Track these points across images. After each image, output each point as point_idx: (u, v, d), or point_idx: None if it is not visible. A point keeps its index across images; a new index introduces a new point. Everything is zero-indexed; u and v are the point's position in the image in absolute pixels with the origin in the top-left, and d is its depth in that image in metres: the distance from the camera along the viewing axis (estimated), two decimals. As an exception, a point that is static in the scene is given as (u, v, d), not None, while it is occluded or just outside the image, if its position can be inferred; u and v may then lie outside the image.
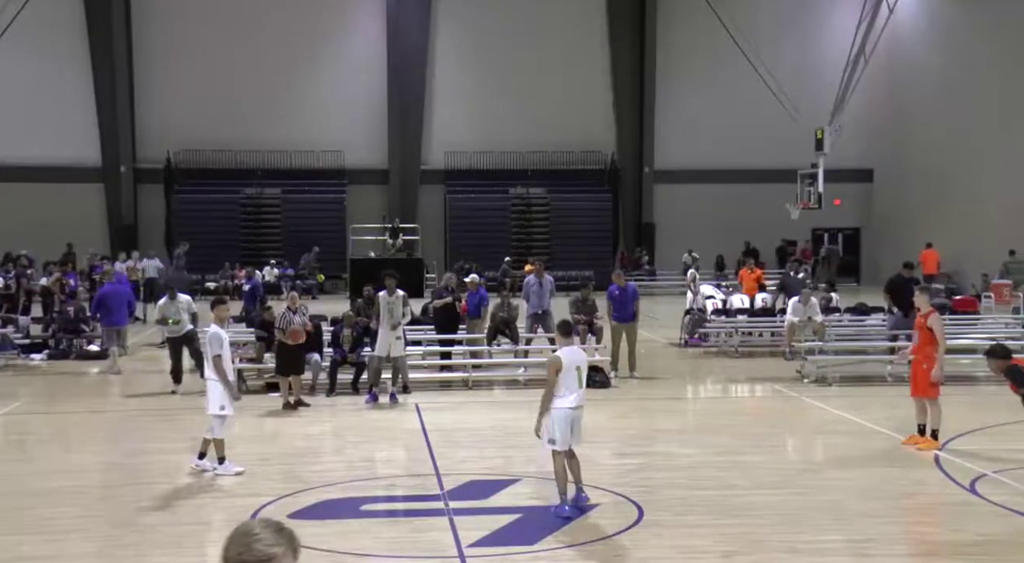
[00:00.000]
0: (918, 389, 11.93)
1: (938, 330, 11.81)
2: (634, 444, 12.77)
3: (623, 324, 17.76)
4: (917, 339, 12.09)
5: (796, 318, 19.40)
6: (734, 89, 37.44)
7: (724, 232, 37.69)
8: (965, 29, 34.48)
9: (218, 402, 10.89)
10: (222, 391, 10.91)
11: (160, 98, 38.42)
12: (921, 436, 11.81)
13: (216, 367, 10.95)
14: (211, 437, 10.91)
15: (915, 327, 12.24)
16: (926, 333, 11.87)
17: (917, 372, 11.99)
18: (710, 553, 8.32)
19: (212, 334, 11.10)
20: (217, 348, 10.95)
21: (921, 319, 12.05)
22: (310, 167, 39.17)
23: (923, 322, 11.98)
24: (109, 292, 19.61)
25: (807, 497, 10.00)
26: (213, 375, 10.98)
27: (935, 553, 8.75)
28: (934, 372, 11.68)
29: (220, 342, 11.00)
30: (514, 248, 38.20)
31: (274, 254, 37.23)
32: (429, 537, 8.84)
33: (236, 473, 10.82)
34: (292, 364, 15.42)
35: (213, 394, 10.95)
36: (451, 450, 12.21)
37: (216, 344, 10.98)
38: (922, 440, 11.72)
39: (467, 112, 39.45)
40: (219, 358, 10.93)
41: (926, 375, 11.76)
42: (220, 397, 10.90)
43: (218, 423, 10.87)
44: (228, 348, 11.23)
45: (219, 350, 10.94)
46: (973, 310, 23.34)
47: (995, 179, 31.99)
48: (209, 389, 11.04)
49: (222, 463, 10.93)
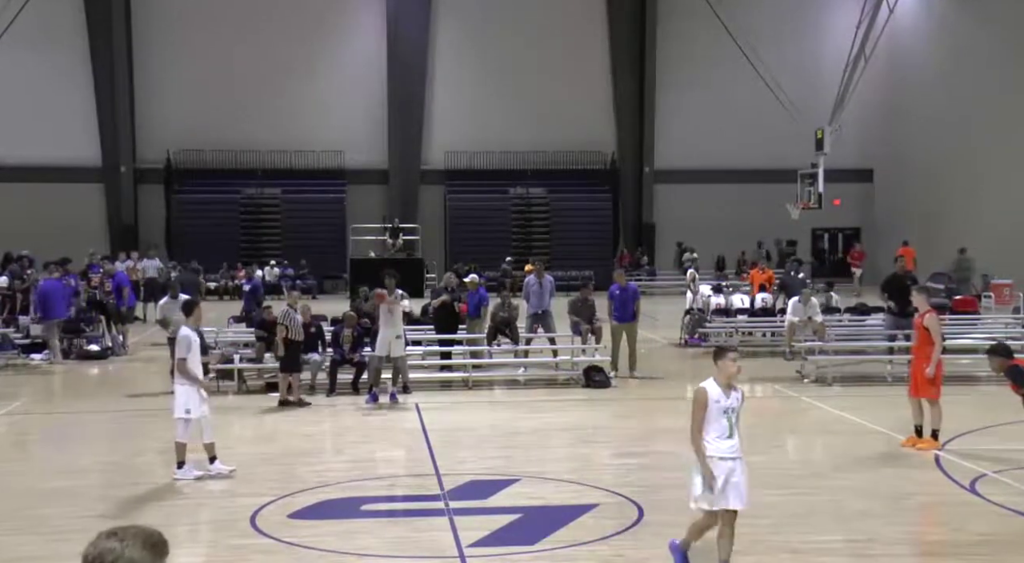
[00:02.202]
0: (918, 390, 11.88)
1: (934, 330, 11.79)
2: (634, 444, 12.76)
3: (623, 324, 17.77)
4: (916, 339, 12.09)
5: (796, 318, 19.38)
6: (734, 89, 37.45)
7: (724, 232, 37.68)
8: (965, 29, 34.48)
9: (183, 406, 10.79)
10: (188, 394, 10.79)
11: (160, 98, 38.43)
12: (919, 437, 11.79)
13: (180, 370, 10.82)
14: (177, 440, 10.84)
15: (914, 327, 12.22)
16: (924, 333, 11.85)
17: (917, 372, 11.95)
18: (711, 553, 8.31)
19: (182, 336, 10.96)
20: (184, 351, 10.80)
21: (918, 319, 12.05)
22: (310, 167, 39.19)
23: (920, 321, 11.98)
24: (49, 287, 19.88)
25: (807, 497, 10.00)
26: (180, 378, 10.85)
27: (935, 553, 8.75)
28: (928, 370, 11.65)
29: (189, 345, 10.85)
30: (514, 248, 38.21)
31: (274, 254, 37.24)
32: (429, 537, 8.84)
33: (230, 472, 10.80)
34: (294, 362, 15.42)
35: (179, 397, 10.84)
36: (451, 450, 12.20)
37: (184, 347, 10.84)
38: (921, 441, 11.71)
39: (467, 112, 39.45)
40: (184, 361, 10.79)
41: (923, 374, 11.73)
42: (186, 401, 10.79)
43: (182, 426, 10.80)
44: (197, 351, 11.05)
45: (186, 353, 10.79)
46: (973, 310, 23.32)
47: (995, 179, 31.99)
48: (176, 393, 10.92)
49: (213, 463, 10.90)
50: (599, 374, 16.88)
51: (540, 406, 15.09)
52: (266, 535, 8.83)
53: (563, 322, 19.09)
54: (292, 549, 8.49)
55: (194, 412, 10.77)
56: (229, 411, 15.40)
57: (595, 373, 16.92)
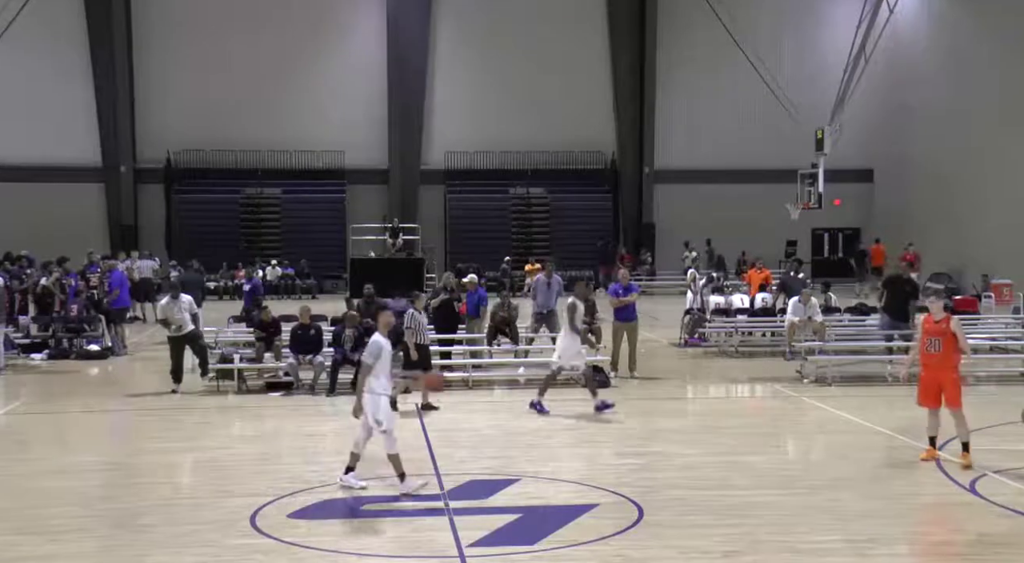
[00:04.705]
0: (951, 400, 11.05)
1: (962, 334, 11.14)
2: (634, 444, 12.76)
3: (624, 324, 17.76)
4: (939, 347, 11.15)
5: (796, 318, 19.38)
6: (734, 89, 37.46)
7: (724, 232, 37.65)
8: (965, 29, 34.48)
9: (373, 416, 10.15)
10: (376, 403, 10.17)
11: (160, 98, 38.44)
12: (933, 446, 11.23)
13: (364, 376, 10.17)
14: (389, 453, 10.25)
15: (930, 333, 11.30)
16: (950, 339, 11.13)
17: (945, 381, 11.11)
18: (711, 553, 8.32)
19: (372, 342, 10.24)
20: (372, 358, 10.10)
21: (939, 325, 11.21)
22: (310, 167, 39.20)
23: (942, 328, 11.18)
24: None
25: (807, 497, 10.00)
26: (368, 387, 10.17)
27: (936, 553, 8.76)
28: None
29: (379, 352, 10.11)
30: (514, 248, 38.22)
31: (274, 254, 37.25)
32: (429, 537, 8.84)
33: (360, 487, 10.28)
34: (428, 362, 15.43)
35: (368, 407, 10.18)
36: (451, 450, 12.20)
37: (372, 353, 10.12)
38: (962, 455, 10.97)
39: (467, 112, 39.47)
40: (369, 368, 10.12)
41: (955, 384, 11.09)
42: (375, 410, 10.15)
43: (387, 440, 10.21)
44: (388, 359, 10.29)
45: (372, 360, 10.09)
46: (973, 310, 23.33)
47: (996, 179, 31.98)
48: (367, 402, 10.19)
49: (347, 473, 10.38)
50: (599, 374, 16.86)
51: (540, 406, 15.06)
52: (266, 535, 8.83)
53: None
54: (292, 549, 8.49)
55: (386, 423, 10.14)
56: (230, 411, 15.42)
57: (595, 373, 16.89)
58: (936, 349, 11.17)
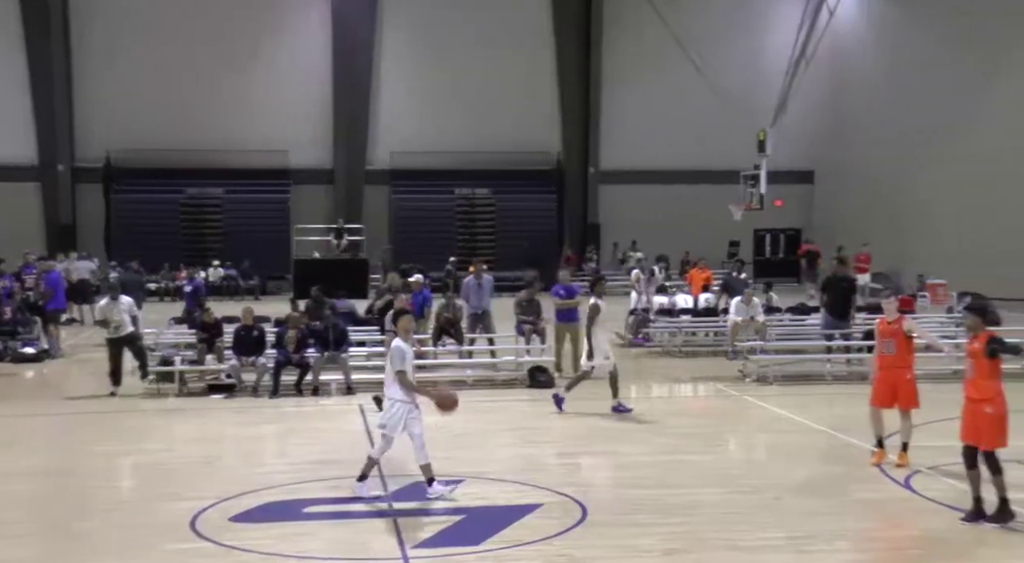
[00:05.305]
0: (906, 401, 11.01)
1: (920, 332, 11.16)
2: (578, 444, 12.83)
3: (566, 325, 17.83)
4: (893, 348, 11.05)
5: (739, 318, 19.63)
6: (679, 90, 37.76)
7: (668, 232, 37.93)
8: (904, 32, 35.11)
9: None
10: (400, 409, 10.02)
11: (99, 96, 37.80)
12: (881, 448, 11.17)
13: (403, 383, 9.94)
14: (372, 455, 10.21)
15: (885, 335, 11.17)
16: (903, 340, 11.02)
17: (900, 382, 11.00)
18: (652, 552, 8.39)
19: (395, 348, 10.00)
20: (400, 363, 9.90)
21: (892, 326, 11.11)
22: (254, 167, 38.76)
23: (895, 329, 11.05)
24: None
25: (749, 495, 10.12)
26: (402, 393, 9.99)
27: (873, 549, 8.93)
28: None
29: (404, 357, 9.93)
30: (459, 249, 38.17)
31: (216, 255, 36.82)
32: (373, 539, 8.81)
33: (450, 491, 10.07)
34: None
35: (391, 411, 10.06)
36: (395, 451, 12.13)
37: (399, 359, 9.91)
38: (899, 455, 11.04)
39: (413, 111, 39.36)
40: (404, 374, 9.91)
41: (911, 385, 11.03)
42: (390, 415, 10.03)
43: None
44: (411, 363, 10.11)
45: (401, 365, 9.89)
46: (910, 309, 23.74)
47: (931, 181, 32.60)
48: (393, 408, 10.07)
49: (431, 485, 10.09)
50: (543, 374, 16.94)
51: (485, 406, 15.08)
52: (207, 539, 8.73)
53: (508, 322, 19.11)
54: (232, 553, 8.40)
55: (389, 429, 10.01)
56: (171, 413, 15.21)
57: (539, 373, 16.98)
58: (890, 351, 11.09)
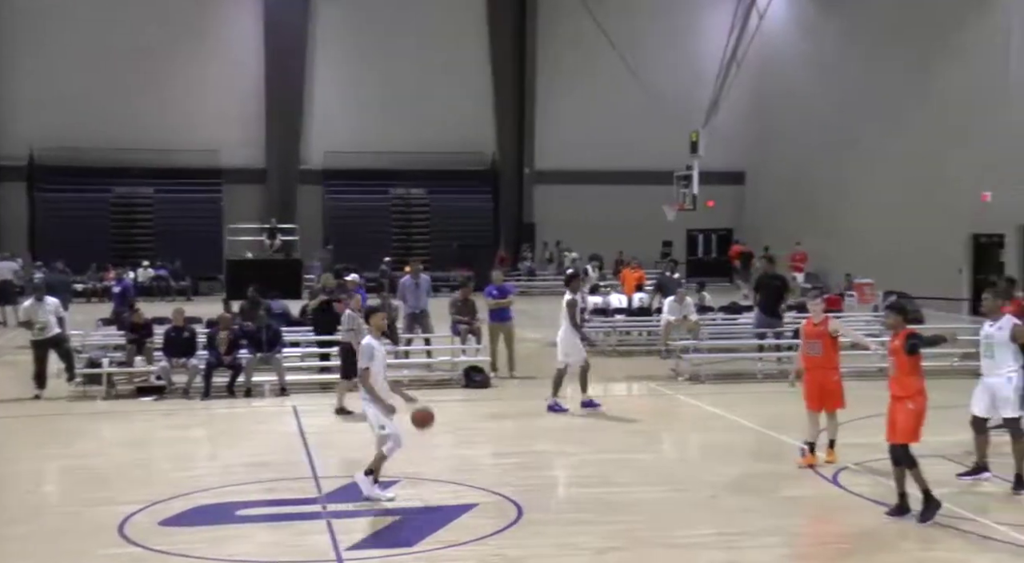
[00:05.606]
0: (832, 401, 11.11)
1: (848, 333, 11.25)
2: (513, 444, 12.86)
3: (500, 325, 17.87)
4: (820, 349, 11.06)
5: (672, 317, 19.84)
6: (613, 91, 37.97)
7: (603, 232, 38.16)
8: (832, 35, 35.77)
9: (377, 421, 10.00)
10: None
11: (23, 92, 36.84)
12: (812, 453, 11.12)
13: (363, 381, 10.01)
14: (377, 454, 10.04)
15: (811, 336, 11.18)
16: (829, 341, 11.07)
17: (826, 383, 11.07)
18: (587, 549, 8.45)
19: (365, 345, 10.00)
20: (367, 360, 9.93)
21: (818, 327, 11.16)
22: (185, 166, 38.09)
23: (821, 330, 11.10)
24: None
25: (683, 493, 10.24)
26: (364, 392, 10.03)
27: (802, 543, 9.10)
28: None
29: (372, 354, 9.94)
30: (394, 249, 38.01)
31: (147, 255, 36.17)
32: (307, 541, 8.74)
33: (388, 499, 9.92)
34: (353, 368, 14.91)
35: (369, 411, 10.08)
36: (329, 452, 12.09)
37: (367, 356, 9.96)
38: (830, 454, 11.12)
39: (347, 111, 39.05)
40: (367, 371, 9.95)
41: (837, 385, 11.11)
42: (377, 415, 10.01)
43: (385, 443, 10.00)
44: (382, 360, 10.16)
45: (368, 362, 9.92)
46: (837, 309, 24.22)
47: (857, 182, 33.23)
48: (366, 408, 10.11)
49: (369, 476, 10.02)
50: (479, 374, 16.96)
51: (420, 407, 15.03)
52: (135, 544, 8.58)
53: (443, 322, 19.09)
54: (162, 557, 8.28)
55: (389, 427, 9.90)
56: (98, 417, 14.92)
57: (475, 373, 16.99)
58: (816, 352, 11.12)
